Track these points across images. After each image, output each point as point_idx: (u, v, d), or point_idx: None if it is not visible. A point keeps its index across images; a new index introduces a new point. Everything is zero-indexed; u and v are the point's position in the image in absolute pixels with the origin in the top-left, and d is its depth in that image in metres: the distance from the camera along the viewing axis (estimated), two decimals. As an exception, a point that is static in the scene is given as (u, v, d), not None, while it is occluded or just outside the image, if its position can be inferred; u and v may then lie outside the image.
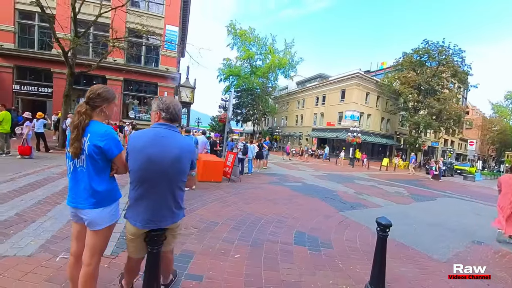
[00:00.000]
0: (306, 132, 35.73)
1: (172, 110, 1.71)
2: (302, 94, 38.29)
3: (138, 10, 16.51)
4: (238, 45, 31.53)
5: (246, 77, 31.83)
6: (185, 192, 1.85)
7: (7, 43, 14.40)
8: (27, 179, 5.23)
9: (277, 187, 7.60)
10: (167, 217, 1.69)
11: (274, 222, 4.25)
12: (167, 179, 1.63)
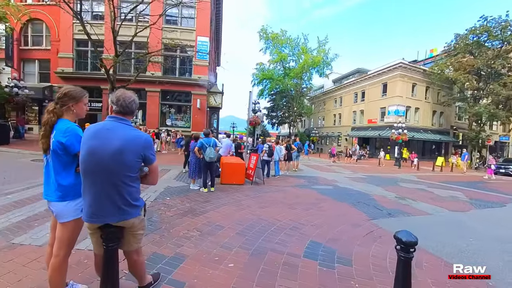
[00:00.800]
0: (345, 131, 33.35)
1: (122, 102, 1.65)
2: (339, 92, 35.98)
3: (171, 27, 17.76)
4: (270, 48, 31.71)
5: (279, 79, 31.48)
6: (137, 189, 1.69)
7: (67, 68, 16.98)
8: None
9: (303, 190, 6.97)
10: (113, 213, 1.59)
11: (287, 229, 3.74)
12: (108, 172, 1.55)
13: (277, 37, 30.87)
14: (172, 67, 18.56)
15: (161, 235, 3.30)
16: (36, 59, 17.61)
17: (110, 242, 1.59)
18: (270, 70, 32.59)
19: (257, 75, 33.28)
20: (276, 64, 32.61)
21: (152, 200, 4.92)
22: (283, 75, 32.20)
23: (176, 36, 17.67)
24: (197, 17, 17.95)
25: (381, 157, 19.43)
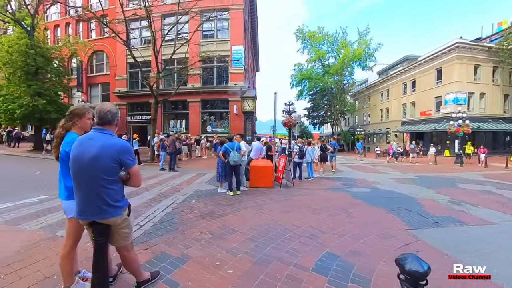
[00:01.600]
0: (394, 127, 29.79)
1: (99, 114, 1.86)
2: (386, 84, 32.42)
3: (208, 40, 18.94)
4: (308, 48, 31.00)
5: (318, 77, 30.29)
6: (117, 191, 1.84)
7: (122, 88, 19.68)
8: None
9: (335, 193, 6.37)
10: (95, 212, 1.78)
11: (304, 236, 3.41)
12: (88, 176, 1.75)
13: (314, 35, 29.96)
14: (210, 77, 19.62)
15: (174, 236, 3.40)
16: (99, 83, 20.96)
17: (98, 237, 1.81)
18: (308, 69, 31.70)
19: (295, 76, 32.78)
20: (315, 63, 31.56)
21: (178, 203, 5.16)
22: (322, 73, 30.90)
23: (212, 48, 18.77)
24: (231, 27, 18.73)
25: (431, 154, 16.08)
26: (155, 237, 3.35)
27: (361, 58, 28.11)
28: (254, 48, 36.93)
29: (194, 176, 8.88)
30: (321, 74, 30.95)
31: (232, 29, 18.79)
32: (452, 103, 21.18)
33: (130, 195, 5.68)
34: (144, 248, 3.02)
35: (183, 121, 20.23)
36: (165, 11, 16.69)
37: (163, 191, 6.30)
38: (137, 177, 1.92)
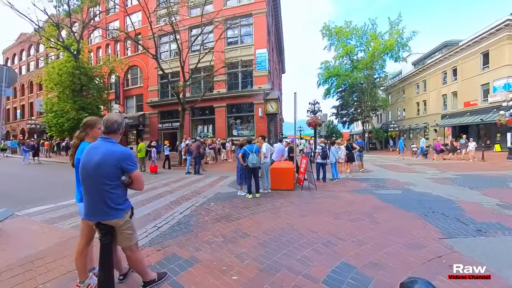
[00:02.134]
0: (433, 121, 26.77)
1: (106, 123, 2.01)
2: (422, 75, 29.36)
3: (232, 47, 19.41)
4: (335, 44, 29.88)
5: (347, 74, 28.84)
6: (119, 195, 1.97)
7: (154, 98, 21.11)
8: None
9: (361, 196, 5.90)
10: (98, 214, 1.93)
11: (319, 243, 3.18)
12: (93, 181, 1.91)
13: (341, 30, 28.75)
14: (235, 82, 20.02)
15: (188, 238, 3.46)
16: (134, 95, 22.80)
17: (103, 237, 1.97)
18: (335, 66, 30.42)
19: (322, 74, 31.70)
20: (342, 59, 30.20)
21: (197, 205, 5.27)
22: (351, 68, 29.40)
23: (236, 54, 19.18)
24: (254, 31, 18.93)
25: (471, 150, 13.76)
26: (169, 239, 3.45)
27: (393, 49, 26.03)
28: (279, 50, 36.82)
29: (217, 179, 9.06)
30: (349, 70, 29.43)
31: (255, 33, 18.97)
32: (503, 90, 18.35)
33: (154, 198, 6.00)
34: (157, 249, 3.12)
35: (210, 126, 20.88)
36: (192, 23, 17.51)
37: (185, 194, 6.52)
38: (138, 181, 2.03)
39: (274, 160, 8.60)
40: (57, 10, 15.46)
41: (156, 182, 8.39)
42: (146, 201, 5.67)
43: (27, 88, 30.41)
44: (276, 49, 32.81)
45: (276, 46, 32.55)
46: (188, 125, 20.51)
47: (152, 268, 2.62)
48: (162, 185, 7.81)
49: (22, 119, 31.30)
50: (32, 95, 29.42)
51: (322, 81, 31.86)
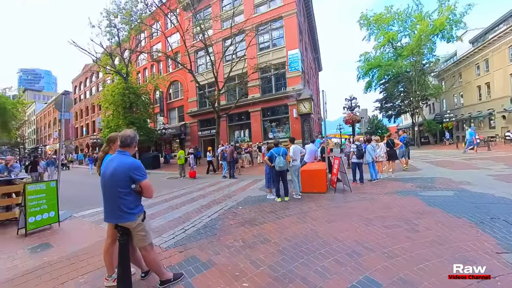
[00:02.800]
0: (500, 106, 21.94)
1: (121, 138, 2.30)
2: (483, 53, 24.52)
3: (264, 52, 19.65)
4: (375, 33, 27.58)
5: (389, 63, 26.18)
6: (131, 200, 2.21)
7: (193, 108, 22.61)
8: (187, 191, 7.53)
9: (402, 198, 5.20)
10: (114, 216, 2.21)
11: (342, 253, 2.91)
12: (109, 189, 2.20)
13: (381, 17, 26.41)
14: (269, 85, 20.16)
15: (210, 241, 3.56)
16: (176, 107, 24.81)
17: (121, 238, 2.22)
18: (376, 57, 27.95)
19: (362, 67, 29.50)
20: (384, 48, 27.62)
21: (226, 209, 5.40)
22: (394, 57, 26.64)
23: (269, 58, 19.35)
24: (285, 33, 18.82)
25: None
26: (193, 241, 3.60)
27: (444, 28, 22.62)
28: (314, 48, 35.78)
29: (250, 182, 9.16)
30: (392, 59, 26.61)
31: (286, 35, 18.82)
32: None
33: (187, 202, 6.37)
34: (180, 251, 3.29)
35: (246, 131, 21.31)
36: (225, 35, 18.33)
37: (217, 198, 6.74)
38: (147, 189, 2.24)
39: (306, 162, 8.33)
40: (110, 41, 18.11)
41: (192, 187, 8.92)
42: (180, 205, 6.06)
43: (90, 109, 36.24)
44: (311, 47, 31.90)
45: (311, 44, 31.66)
46: (225, 131, 21.36)
47: (172, 268, 2.79)
48: (197, 190, 8.25)
49: (87, 135, 37.12)
50: (94, 114, 34.83)
51: (362, 74, 29.56)
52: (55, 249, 3.60)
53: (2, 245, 3.90)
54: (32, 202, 4.20)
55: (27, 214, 4.12)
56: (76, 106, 40.52)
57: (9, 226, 4.73)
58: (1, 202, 4.68)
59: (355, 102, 13.30)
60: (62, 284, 2.60)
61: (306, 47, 25.25)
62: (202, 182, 9.96)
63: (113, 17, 16.02)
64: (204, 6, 21.80)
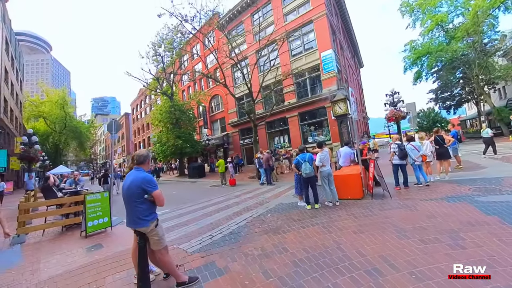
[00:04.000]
0: None
1: (135, 157, 2.73)
2: None
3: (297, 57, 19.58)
4: (420, 18, 24.63)
5: (441, 48, 22.78)
6: (145, 209, 2.56)
7: (234, 118, 23.71)
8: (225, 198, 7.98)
9: (451, 205, 4.40)
10: (132, 222, 2.58)
11: (362, 270, 2.67)
12: (127, 199, 2.60)
13: (425, 0, 23.48)
14: (304, 89, 19.91)
15: (231, 248, 3.71)
16: (218, 119, 26.36)
17: (139, 241, 2.58)
18: (425, 43, 24.68)
19: (408, 57, 26.44)
20: (432, 33, 24.23)
21: (255, 216, 5.50)
22: (446, 41, 23.14)
23: (302, 63, 19.24)
24: (317, 36, 18.53)
25: None
26: (216, 248, 3.80)
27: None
28: (352, 46, 33.89)
29: (286, 189, 9.08)
30: (444, 43, 23.08)
31: (318, 37, 18.48)
32: None
33: (222, 209, 6.70)
34: (202, 256, 3.51)
35: (286, 136, 21.25)
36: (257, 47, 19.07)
37: (250, 205, 6.89)
38: (158, 199, 2.58)
39: (341, 166, 7.85)
40: (156, 68, 20.74)
41: (230, 194, 9.30)
42: (214, 212, 6.41)
43: (145, 127, 41.43)
44: (348, 45, 30.25)
45: (347, 42, 30.05)
46: (265, 138, 21.71)
47: (191, 272, 3.02)
48: (234, 197, 8.56)
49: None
50: (148, 131, 39.58)
51: (408, 64, 26.40)
52: (105, 249, 4.27)
53: (68, 244, 4.83)
54: (90, 209, 5.08)
55: (87, 219, 5.01)
56: (134, 124, 47.07)
57: (76, 229, 5.77)
58: (72, 209, 5.75)
59: (398, 97, 11.91)
60: (103, 278, 3.11)
61: (342, 45, 24.05)
62: (240, 190, 10.30)
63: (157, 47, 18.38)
64: (237, 24, 23.04)
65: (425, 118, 36.19)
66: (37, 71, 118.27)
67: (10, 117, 21.62)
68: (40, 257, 4.15)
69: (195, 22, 13.75)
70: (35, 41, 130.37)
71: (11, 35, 23.60)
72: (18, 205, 5.12)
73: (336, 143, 16.53)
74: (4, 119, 19.23)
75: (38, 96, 35.39)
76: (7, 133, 20.05)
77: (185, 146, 19.77)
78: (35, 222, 6.53)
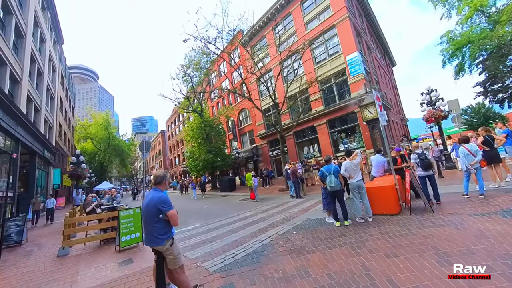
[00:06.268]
0: None
1: (153, 177, 2.94)
2: None
3: (321, 63, 19.28)
4: (455, 6, 22.40)
5: (484, 35, 20.29)
6: (160, 228, 2.68)
7: (262, 130, 23.96)
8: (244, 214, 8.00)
9: (508, 222, 3.69)
10: (149, 241, 2.71)
11: (390, 297, 2.38)
12: (145, 218, 2.77)
13: None
14: (331, 96, 19.37)
15: (252, 269, 3.64)
16: (247, 131, 26.87)
17: (157, 258, 2.76)
18: (464, 33, 22.21)
19: (446, 49, 23.95)
20: (472, 20, 21.77)
21: (280, 233, 5.34)
22: (489, 27, 20.55)
23: (327, 69, 18.92)
24: (340, 40, 18.18)
25: None
26: (237, 268, 3.76)
27: None
28: (381, 45, 32.20)
29: (315, 203, 8.70)
30: (487, 30, 20.48)
31: (342, 41, 18.05)
32: None
33: (248, 225, 6.65)
34: (222, 276, 3.51)
35: (316, 146, 20.66)
36: (281, 58, 19.36)
37: (276, 220, 6.73)
38: (172, 218, 2.70)
39: (374, 176, 7.27)
40: (186, 87, 22.31)
41: (258, 209, 9.18)
42: (240, 228, 6.39)
43: (180, 143, 44.03)
44: (377, 45, 28.80)
45: (375, 42, 28.64)
46: (294, 148, 21.37)
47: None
48: (262, 211, 8.45)
49: (179, 164, 45.12)
50: (182, 147, 41.93)
51: (447, 57, 23.84)
52: (134, 264, 4.55)
53: (104, 257, 5.26)
54: (123, 225, 5.48)
55: (120, 234, 5.40)
56: (170, 141, 50.52)
57: (112, 243, 6.22)
58: (109, 224, 6.26)
59: (436, 95, 10.69)
60: (130, 294, 3.28)
61: (369, 46, 22.98)
62: (269, 203, 10.16)
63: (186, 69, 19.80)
64: (259, 38, 23.70)
65: (474, 115, 31.89)
66: (86, 98, 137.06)
67: (64, 140, 25.01)
68: (79, 270, 4.61)
69: (218, 42, 14.51)
70: (85, 72, 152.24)
71: (66, 70, 27.76)
72: (64, 220, 5.78)
73: (370, 149, 15.47)
74: (59, 142, 22.29)
75: (87, 119, 40.46)
76: (61, 154, 23.14)
77: (216, 160, 20.51)
78: (79, 235, 7.30)
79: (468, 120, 31.74)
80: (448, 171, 10.24)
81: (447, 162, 10.56)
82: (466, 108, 33.30)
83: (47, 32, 18.58)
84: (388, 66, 36.53)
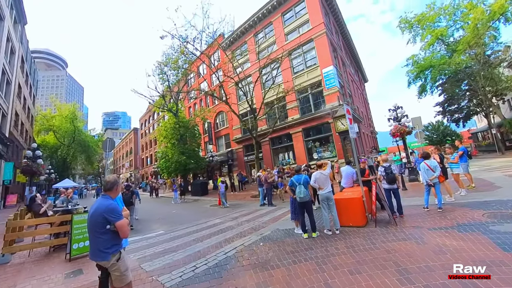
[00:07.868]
0: None
1: (104, 183, 2.61)
2: None
3: (299, 74, 19.77)
4: (419, 34, 25.01)
5: (443, 61, 22.83)
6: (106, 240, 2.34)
7: (238, 135, 23.73)
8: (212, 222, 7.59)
9: (463, 237, 3.86)
10: (93, 255, 2.38)
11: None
12: (89, 228, 2.41)
13: (423, 17, 24.17)
14: (307, 105, 19.84)
15: (211, 286, 3.37)
16: (223, 135, 26.44)
17: (101, 274, 2.46)
18: (426, 57, 24.82)
19: (411, 71, 26.52)
20: (433, 47, 24.49)
21: (247, 245, 5.09)
22: (448, 54, 23.20)
23: (304, 79, 19.44)
24: (318, 53, 18.86)
25: None
26: (195, 283, 3.46)
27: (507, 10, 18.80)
28: (355, 62, 34.13)
29: (286, 212, 8.57)
30: (446, 57, 23.10)
31: (319, 54, 18.78)
32: None
33: (214, 234, 6.29)
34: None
35: (291, 153, 20.89)
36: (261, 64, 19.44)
37: (244, 230, 6.47)
38: (121, 230, 2.34)
39: (344, 187, 7.38)
40: (162, 85, 21.37)
41: (228, 216, 8.83)
42: (206, 237, 6.02)
43: (153, 142, 41.89)
44: (350, 61, 30.48)
45: (349, 58, 30.31)
46: (269, 154, 21.39)
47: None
48: (231, 219, 8.11)
49: (151, 164, 42.77)
50: (155, 147, 39.86)
51: (412, 78, 26.47)
52: (84, 276, 4.02)
53: (50, 267, 4.60)
54: (76, 230, 4.83)
55: (72, 241, 4.75)
56: (142, 140, 48.01)
57: (63, 250, 5.40)
58: (61, 229, 5.47)
59: (401, 112, 11.48)
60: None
61: (344, 62, 24.25)
62: (239, 211, 9.85)
63: (163, 66, 18.96)
64: (241, 43, 23.72)
65: (434, 132, 35.19)
66: (51, 86, 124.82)
67: (21, 131, 22.32)
68: (17, 282, 3.97)
69: (197, 43, 14.12)
70: (51, 58, 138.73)
71: (27, 54, 25.09)
72: (6, 223, 4.96)
73: (342, 159, 16.00)
74: (14, 132, 19.80)
75: (50, 110, 36.37)
76: (16, 146, 20.59)
77: (189, 162, 19.74)
78: (27, 240, 6.37)
79: (429, 136, 34.71)
80: (411, 183, 10.86)
81: (411, 175, 11.22)
82: (427, 125, 36.46)
83: (6, 9, 16.64)
84: (361, 81, 38.82)
